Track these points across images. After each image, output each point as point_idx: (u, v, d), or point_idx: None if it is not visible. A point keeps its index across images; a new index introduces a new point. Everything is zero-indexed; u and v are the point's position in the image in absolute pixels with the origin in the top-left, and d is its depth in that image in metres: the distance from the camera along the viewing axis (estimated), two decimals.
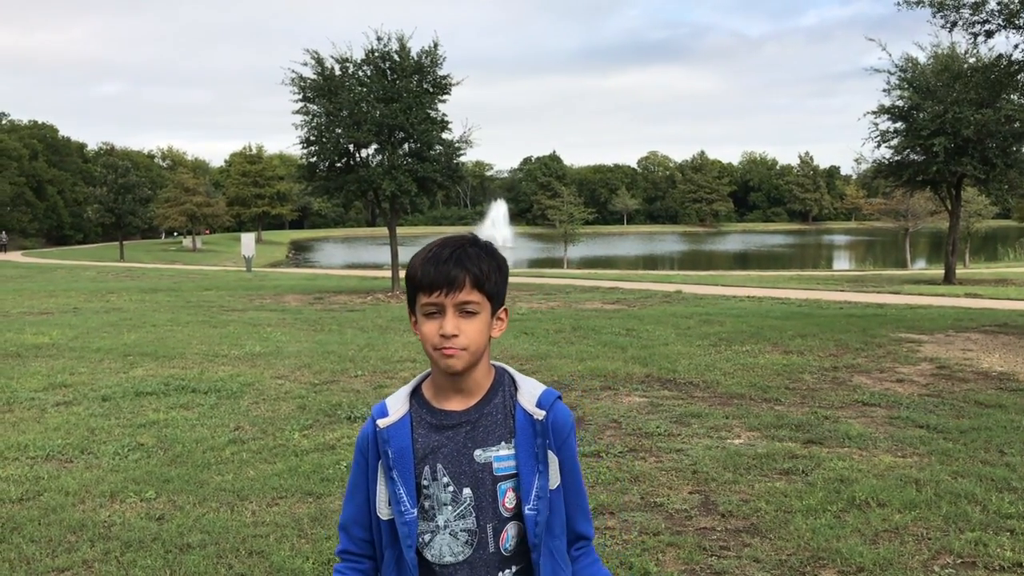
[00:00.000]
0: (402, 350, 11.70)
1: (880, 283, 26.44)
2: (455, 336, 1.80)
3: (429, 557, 1.89)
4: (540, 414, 1.88)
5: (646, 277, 30.66)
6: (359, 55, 21.34)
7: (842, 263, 63.11)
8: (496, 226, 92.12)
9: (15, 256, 57.82)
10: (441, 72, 21.50)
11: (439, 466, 1.87)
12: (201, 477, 6.00)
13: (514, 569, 1.91)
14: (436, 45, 21.40)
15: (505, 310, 1.93)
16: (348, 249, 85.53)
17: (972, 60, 22.21)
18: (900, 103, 25.53)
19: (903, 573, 4.26)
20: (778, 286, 24.96)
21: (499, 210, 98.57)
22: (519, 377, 1.96)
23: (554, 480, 1.90)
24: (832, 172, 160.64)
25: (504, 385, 1.93)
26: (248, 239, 43.31)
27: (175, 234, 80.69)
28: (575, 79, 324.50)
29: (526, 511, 1.86)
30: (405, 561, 1.87)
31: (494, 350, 1.95)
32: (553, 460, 1.89)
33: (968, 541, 4.62)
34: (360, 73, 21.31)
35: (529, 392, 1.92)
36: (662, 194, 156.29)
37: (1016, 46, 14.44)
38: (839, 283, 26.89)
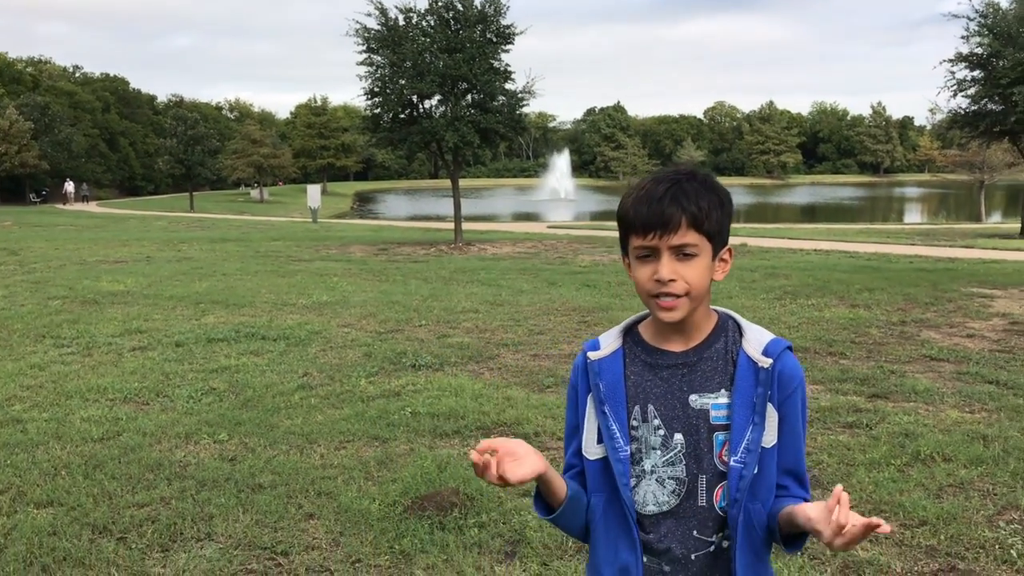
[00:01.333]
0: (465, 301, 11.81)
1: (952, 237, 25.76)
2: (672, 281, 1.66)
3: (637, 504, 1.77)
4: (766, 362, 1.71)
5: None
6: (423, 5, 21.27)
7: (913, 216, 61.47)
8: (559, 178, 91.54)
9: (91, 207, 59.37)
10: (505, 21, 21.32)
11: (651, 407, 1.75)
12: (271, 421, 6.19)
13: (727, 533, 1.74)
14: None
15: (730, 250, 1.76)
16: (411, 201, 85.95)
17: None
18: (979, 50, 24.57)
19: (967, 527, 4.23)
20: (846, 239, 24.47)
21: (562, 162, 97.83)
22: (745, 323, 1.80)
23: (770, 437, 1.71)
24: (905, 123, 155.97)
25: (728, 330, 1.78)
26: (314, 190, 43.77)
27: (255, 184, 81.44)
28: (642, 28, 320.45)
29: (732, 463, 1.70)
30: (622, 501, 1.75)
31: (556, 300, 1.92)
32: (772, 415, 1.71)
33: None
34: (424, 23, 21.24)
35: (756, 339, 1.75)
36: (728, 145, 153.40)
37: None
38: (909, 237, 26.27)
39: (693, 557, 1.75)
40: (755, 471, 1.70)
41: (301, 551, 4.12)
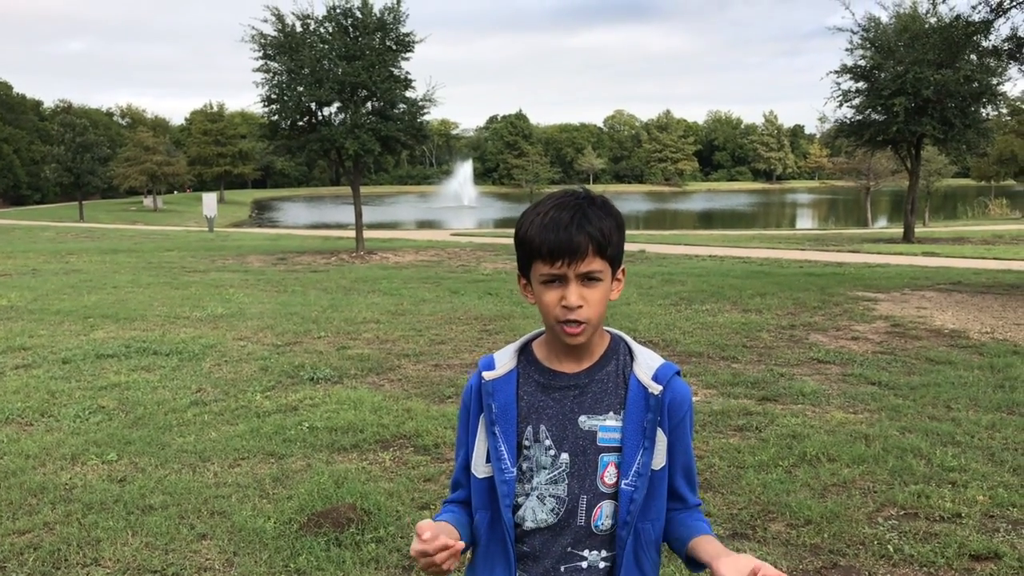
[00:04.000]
0: (366, 311, 11.71)
1: (840, 242, 26.76)
2: (579, 307, 1.68)
3: (517, 519, 1.79)
4: (656, 388, 1.76)
5: None
6: (320, 11, 21.06)
7: (804, 222, 63.60)
8: (461, 184, 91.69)
9: None
10: (404, 29, 21.26)
11: (542, 427, 1.77)
12: (163, 439, 6.02)
13: (603, 555, 1.77)
14: (399, 1, 21.12)
15: (623, 269, 1.79)
16: (312, 209, 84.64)
17: (933, 20, 22.34)
18: (862, 63, 25.62)
19: (848, 525, 4.41)
20: (740, 245, 25.19)
21: (464, 169, 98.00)
22: (636, 347, 1.84)
23: (659, 460, 1.76)
24: (796, 131, 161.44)
25: (619, 353, 1.82)
26: (210, 199, 42.75)
27: (146, 193, 78.48)
28: (544, 37, 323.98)
29: (623, 486, 1.74)
30: (502, 522, 1.77)
31: (458, 309, 1.94)
32: (662, 439, 1.76)
33: (911, 494, 4.78)
34: (321, 30, 21.01)
35: (646, 363, 1.80)
36: (628, 153, 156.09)
37: (974, 7, 14.54)
38: (800, 242, 27.18)
39: (563, 569, 1.77)
40: (646, 493, 1.74)
41: (193, 573, 4.02)
